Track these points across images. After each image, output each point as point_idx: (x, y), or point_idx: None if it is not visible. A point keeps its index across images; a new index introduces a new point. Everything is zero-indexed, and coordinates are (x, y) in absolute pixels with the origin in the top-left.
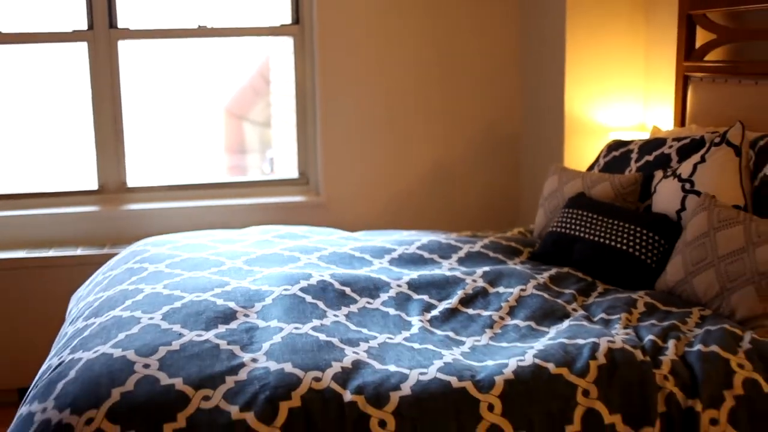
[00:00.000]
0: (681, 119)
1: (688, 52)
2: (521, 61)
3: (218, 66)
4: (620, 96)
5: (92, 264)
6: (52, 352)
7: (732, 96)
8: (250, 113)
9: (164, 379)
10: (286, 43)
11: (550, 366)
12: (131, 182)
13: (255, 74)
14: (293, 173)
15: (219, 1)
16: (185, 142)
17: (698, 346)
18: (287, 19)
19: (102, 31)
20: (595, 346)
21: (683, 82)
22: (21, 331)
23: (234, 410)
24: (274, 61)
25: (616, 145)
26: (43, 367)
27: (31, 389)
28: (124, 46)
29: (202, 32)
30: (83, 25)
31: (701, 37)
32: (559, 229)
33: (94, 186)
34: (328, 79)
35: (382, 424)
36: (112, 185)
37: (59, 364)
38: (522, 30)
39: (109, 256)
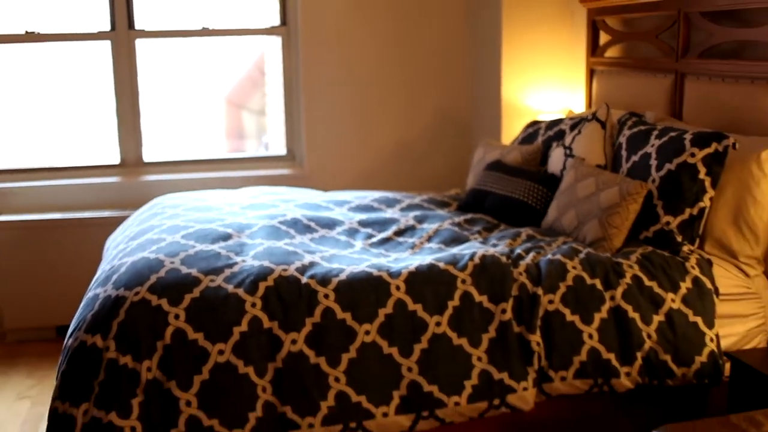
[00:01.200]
0: (589, 103)
1: (593, 49)
2: (468, 56)
3: (220, 60)
4: (548, 85)
5: (115, 224)
6: (100, 270)
7: (623, 84)
8: (248, 102)
9: (184, 270)
10: (276, 41)
11: (441, 264)
12: (147, 158)
13: (252, 67)
14: (282, 151)
15: (219, 6)
16: (193, 126)
17: (548, 256)
18: (276, 22)
19: (122, 31)
20: (474, 253)
21: (590, 74)
22: (58, 278)
23: (230, 287)
24: (269, 56)
25: (532, 123)
26: (98, 273)
27: (92, 286)
28: (141, 44)
29: (205, 32)
30: (107, 27)
31: (603, 38)
32: (477, 187)
33: (117, 161)
34: (309, 72)
35: (326, 296)
36: (131, 160)
37: (110, 268)
38: (468, 30)
39: None
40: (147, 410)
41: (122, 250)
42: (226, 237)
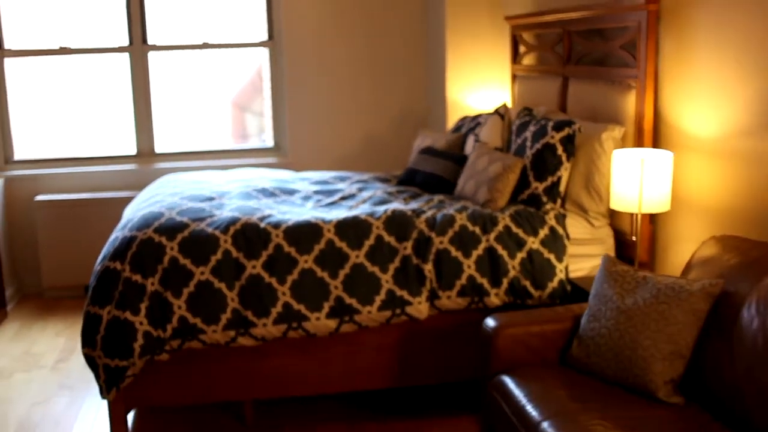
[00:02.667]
0: (513, 102)
1: (514, 58)
2: (423, 64)
3: (227, 69)
4: (483, 87)
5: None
6: (119, 223)
7: (533, 86)
8: (251, 105)
9: (178, 218)
10: (265, 52)
11: (362, 215)
12: (158, 149)
13: (254, 75)
14: (270, 143)
15: (220, 23)
16: (203, 125)
17: (444, 211)
18: (264, 36)
19: (138, 46)
20: (388, 209)
21: (513, 78)
22: (86, 246)
23: (210, 229)
24: (266, 65)
25: (462, 118)
26: (120, 224)
27: (113, 233)
28: (155, 56)
29: (205, 46)
30: (125, 42)
31: (522, 49)
32: (411, 166)
33: (134, 151)
34: (292, 78)
35: (277, 236)
36: (145, 151)
37: (127, 220)
38: (423, 41)
39: None
40: (151, 311)
41: (135, 209)
42: (211, 199)
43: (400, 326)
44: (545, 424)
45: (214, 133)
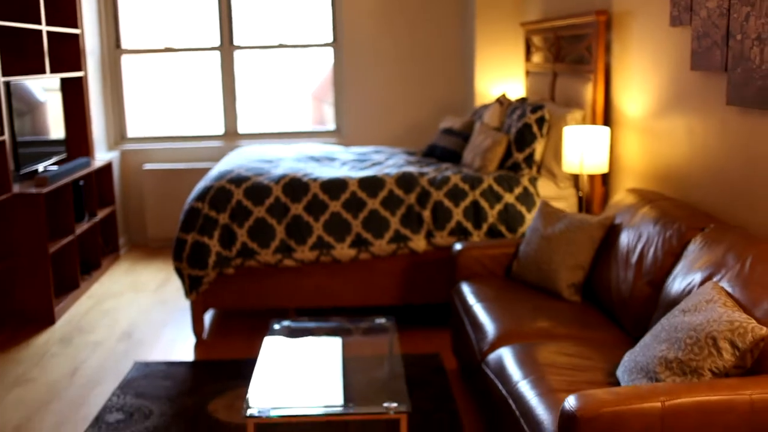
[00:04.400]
0: (526, 94)
1: (526, 57)
2: (459, 61)
3: (310, 66)
4: (504, 81)
5: None
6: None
7: (537, 80)
8: (328, 97)
9: (244, 173)
10: (330, 51)
11: (379, 174)
12: (241, 130)
13: (330, 71)
14: (332, 127)
15: (293, 27)
16: (288, 115)
17: (443, 173)
18: (330, 39)
19: (226, 46)
20: (400, 170)
21: (526, 74)
22: (180, 205)
23: (266, 181)
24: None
25: (481, 106)
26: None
27: (201, 181)
28: (238, 55)
29: (281, 46)
30: (216, 43)
31: (533, 50)
32: (432, 143)
33: (221, 131)
34: (349, 72)
35: (315, 187)
36: (231, 131)
37: (208, 175)
38: (459, 42)
39: None
40: (221, 237)
41: (215, 168)
42: (270, 161)
43: (404, 257)
44: (477, 306)
45: (297, 120)
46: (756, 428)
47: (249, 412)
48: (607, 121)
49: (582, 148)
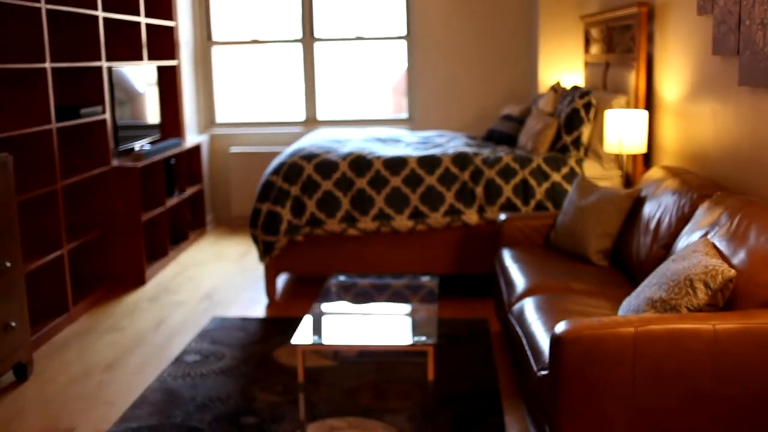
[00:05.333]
0: (585, 84)
1: (586, 49)
2: (524, 53)
3: (386, 58)
4: (565, 71)
5: None
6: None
7: (595, 71)
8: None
9: (315, 151)
10: (404, 44)
11: (437, 153)
12: (320, 117)
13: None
14: (405, 115)
15: (369, 20)
16: (370, 108)
17: (496, 154)
18: (403, 32)
19: (308, 38)
20: (455, 150)
21: (585, 65)
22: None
23: (334, 158)
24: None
25: (539, 95)
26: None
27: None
28: (319, 46)
29: (358, 39)
30: (299, 35)
31: (591, 42)
32: (492, 127)
33: (302, 118)
34: (421, 64)
35: (378, 164)
36: (311, 118)
37: (284, 153)
38: (524, 35)
39: None
40: (292, 207)
41: (291, 147)
42: (339, 141)
43: (457, 229)
44: (512, 267)
45: (376, 110)
46: (717, 354)
47: (297, 341)
48: (649, 105)
49: (621, 130)
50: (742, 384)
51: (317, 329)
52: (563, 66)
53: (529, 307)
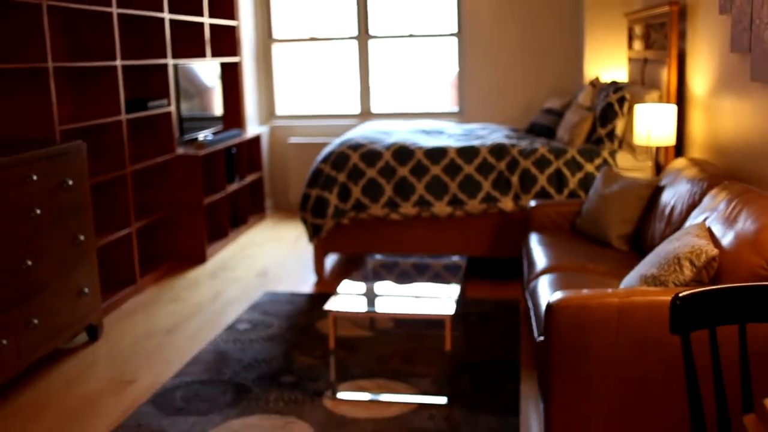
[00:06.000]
0: (628, 80)
1: (629, 45)
2: (571, 49)
3: (442, 55)
4: (610, 66)
5: None
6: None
7: (636, 67)
8: None
9: (361, 141)
10: (455, 41)
11: (476, 144)
12: (374, 110)
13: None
14: (456, 109)
15: (421, 17)
16: (425, 98)
17: (533, 145)
18: (455, 29)
19: (363, 36)
20: (494, 141)
21: (628, 60)
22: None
23: (379, 147)
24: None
25: (579, 90)
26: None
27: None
28: (374, 43)
29: (411, 36)
30: (354, 33)
31: (633, 39)
32: (533, 120)
33: (357, 111)
34: (471, 59)
35: (420, 154)
36: (365, 111)
37: (334, 146)
38: (570, 31)
39: None
40: (339, 192)
41: (340, 137)
42: (385, 132)
43: (493, 215)
44: (537, 249)
45: (435, 104)
46: None
47: (329, 307)
48: (680, 100)
49: (649, 123)
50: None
51: (349, 299)
52: (608, 62)
53: (543, 283)
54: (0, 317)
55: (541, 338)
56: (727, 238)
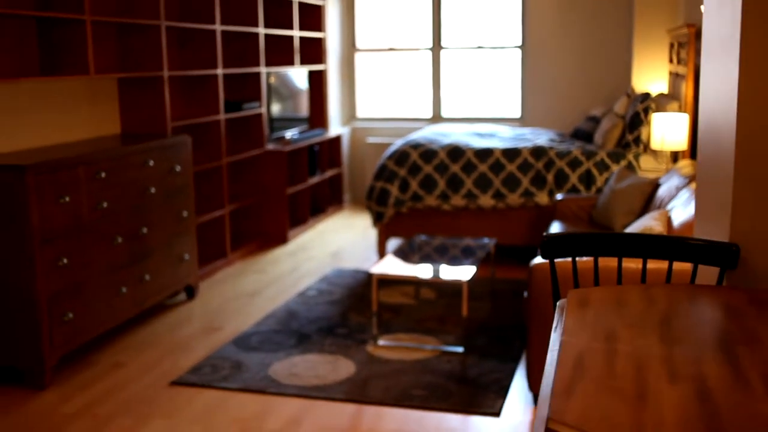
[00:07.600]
0: (668, 91)
1: (670, 60)
2: (622, 60)
3: (510, 65)
4: (655, 78)
5: None
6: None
7: (673, 80)
8: None
9: (421, 141)
10: (518, 53)
11: (518, 146)
12: (444, 114)
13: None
14: (518, 115)
15: (489, 31)
16: (495, 107)
17: (569, 148)
18: (519, 42)
19: (436, 47)
20: (534, 144)
21: (669, 74)
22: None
23: (435, 147)
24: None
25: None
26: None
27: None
28: (444, 54)
29: (480, 47)
30: (429, 44)
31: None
32: (577, 126)
33: (429, 115)
34: (532, 69)
35: (470, 153)
36: (436, 114)
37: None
38: (623, 44)
39: None
40: (400, 185)
41: (405, 138)
42: (443, 134)
43: (531, 208)
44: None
45: (500, 109)
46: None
47: (373, 270)
48: (696, 110)
49: (663, 130)
50: None
51: (390, 266)
52: (653, 74)
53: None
54: (123, 271)
55: (525, 294)
56: (678, 221)
